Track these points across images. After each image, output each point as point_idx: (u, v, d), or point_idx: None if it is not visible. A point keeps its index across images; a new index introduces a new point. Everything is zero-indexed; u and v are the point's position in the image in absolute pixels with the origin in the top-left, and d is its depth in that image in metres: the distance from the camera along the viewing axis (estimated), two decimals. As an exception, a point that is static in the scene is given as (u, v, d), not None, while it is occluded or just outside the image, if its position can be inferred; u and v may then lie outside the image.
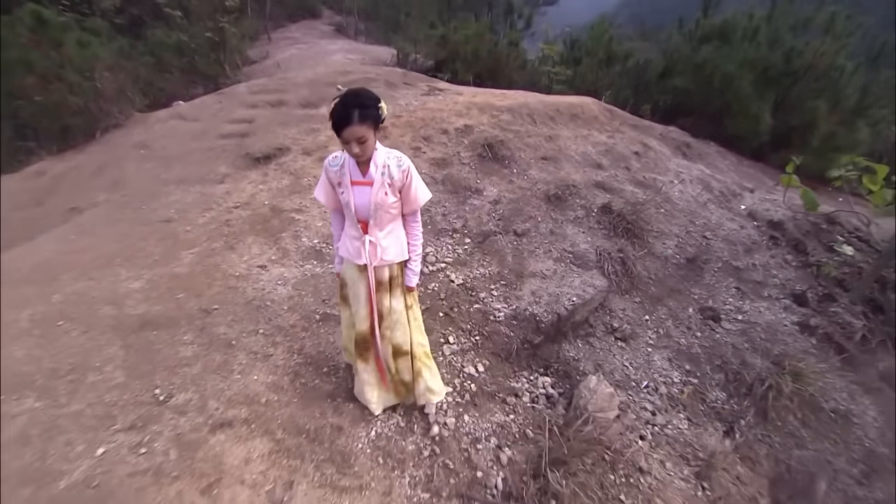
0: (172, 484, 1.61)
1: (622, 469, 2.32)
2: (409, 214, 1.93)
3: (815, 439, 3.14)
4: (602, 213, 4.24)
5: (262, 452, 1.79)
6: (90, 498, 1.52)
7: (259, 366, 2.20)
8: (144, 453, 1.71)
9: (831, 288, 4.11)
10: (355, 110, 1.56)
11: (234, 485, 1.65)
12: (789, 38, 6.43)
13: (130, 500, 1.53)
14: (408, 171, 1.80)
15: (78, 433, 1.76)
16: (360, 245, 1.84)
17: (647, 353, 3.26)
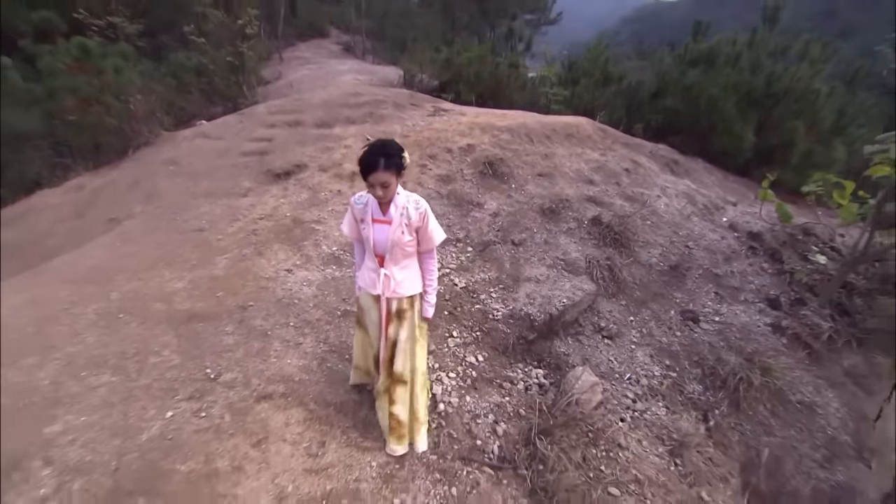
0: (230, 439, 1.98)
1: (603, 444, 2.68)
2: (426, 252, 2.08)
3: (782, 427, 3.49)
4: (592, 225, 4.64)
5: (298, 419, 2.17)
6: (167, 446, 1.90)
7: (291, 352, 2.59)
8: (204, 416, 2.09)
9: (802, 293, 4.48)
10: (381, 158, 1.77)
11: (278, 442, 2.03)
12: (769, 64, 6.89)
13: (198, 450, 1.91)
14: (425, 213, 1.96)
15: (149, 401, 2.15)
16: (375, 276, 2.01)
17: (631, 350, 3.63)
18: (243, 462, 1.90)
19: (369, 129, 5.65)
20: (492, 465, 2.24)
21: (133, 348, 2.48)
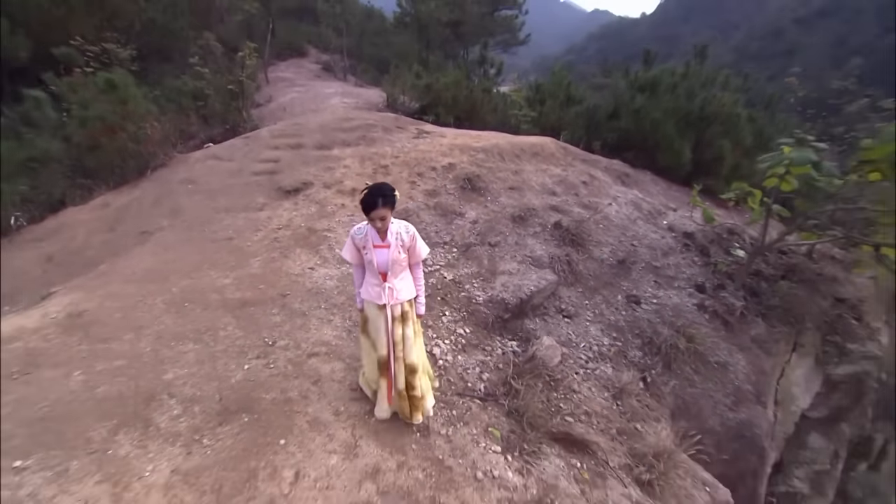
0: (295, 380, 2.80)
1: (561, 389, 3.59)
2: (415, 264, 2.60)
3: (702, 381, 4.49)
4: (554, 229, 5.62)
5: (340, 368, 3.00)
6: (251, 385, 2.71)
7: (325, 326, 3.41)
8: (272, 367, 2.90)
9: (723, 279, 5.56)
10: (379, 198, 2.25)
11: (329, 381, 2.85)
12: (701, 92, 8.13)
13: (274, 386, 2.72)
14: (413, 235, 2.49)
15: (228, 359, 2.94)
16: (380, 290, 2.46)
17: (586, 326, 4.58)
18: (307, 393, 2.72)
19: (363, 150, 6.53)
20: (479, 397, 3.12)
21: (203, 326, 3.27)
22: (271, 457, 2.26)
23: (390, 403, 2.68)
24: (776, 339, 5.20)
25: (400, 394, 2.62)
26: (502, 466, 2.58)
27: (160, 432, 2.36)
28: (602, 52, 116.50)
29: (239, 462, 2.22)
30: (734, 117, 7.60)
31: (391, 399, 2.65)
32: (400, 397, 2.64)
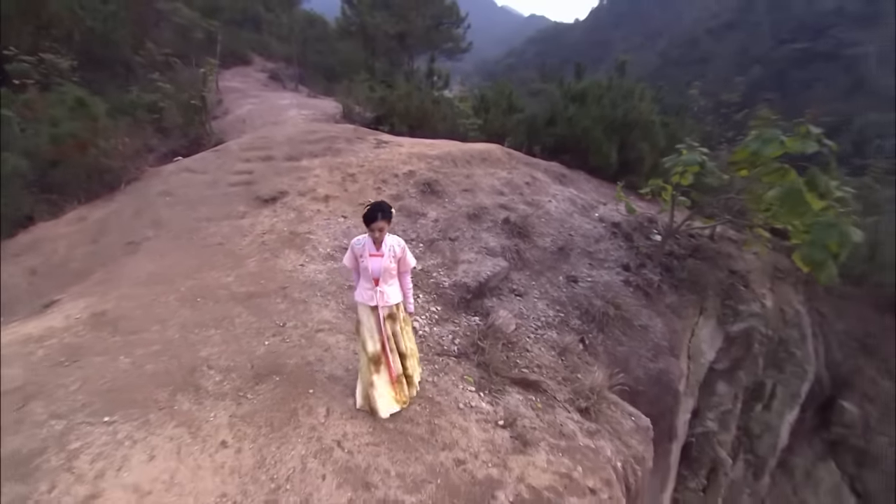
0: (310, 348, 3.50)
1: (517, 349, 4.49)
2: (404, 273, 3.10)
3: (629, 341, 5.56)
4: (504, 224, 6.57)
5: (343, 339, 3.72)
6: (275, 355, 3.38)
7: (324, 310, 4.11)
8: (289, 342, 3.58)
9: (644, 260, 6.73)
10: (379, 213, 2.79)
11: (336, 349, 3.57)
12: (623, 102, 9.44)
13: (295, 354, 3.41)
14: (403, 248, 3.03)
15: (250, 338, 3.59)
16: (372, 293, 2.94)
17: (534, 302, 5.53)
18: (322, 357, 3.44)
19: (330, 160, 7.18)
20: (454, 355, 3.96)
21: (220, 315, 3.87)
22: (305, 400, 2.98)
23: (394, 387, 3.08)
24: (686, 305, 6.43)
25: (398, 378, 3.11)
26: (477, 400, 3.44)
27: (210, 393, 3.00)
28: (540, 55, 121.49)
29: (281, 405, 2.91)
30: (650, 124, 8.95)
31: (394, 382, 3.08)
32: (399, 381, 3.12)
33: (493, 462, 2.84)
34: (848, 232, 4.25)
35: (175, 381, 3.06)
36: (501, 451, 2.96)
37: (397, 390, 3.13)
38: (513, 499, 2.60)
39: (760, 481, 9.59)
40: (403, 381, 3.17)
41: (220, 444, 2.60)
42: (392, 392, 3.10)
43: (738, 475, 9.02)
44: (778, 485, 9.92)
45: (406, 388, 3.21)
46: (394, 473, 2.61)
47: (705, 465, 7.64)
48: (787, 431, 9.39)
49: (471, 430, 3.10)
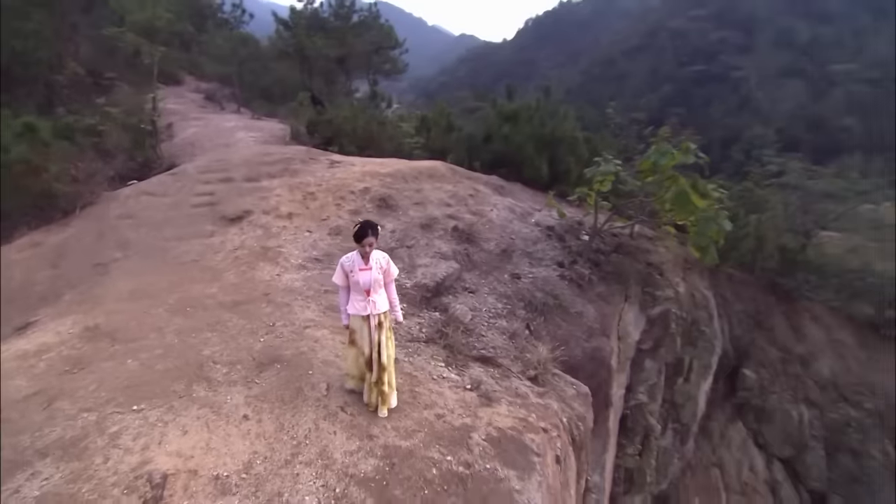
0: (301, 341, 4.05)
1: (474, 335, 5.25)
2: (389, 283, 3.46)
3: (567, 325, 6.49)
4: (453, 231, 7.38)
5: (328, 332, 4.30)
6: (273, 348, 3.90)
7: (306, 311, 4.65)
8: (282, 336, 4.10)
9: (575, 257, 7.78)
10: (369, 230, 3.18)
11: (324, 339, 4.14)
12: (550, 121, 10.69)
13: (290, 346, 3.94)
14: (388, 260, 3.40)
15: (246, 337, 4.07)
16: (365, 303, 3.26)
17: (485, 297, 6.34)
18: (314, 347, 4.00)
19: (289, 180, 7.67)
20: (423, 341, 4.66)
21: (212, 321, 4.32)
22: (307, 379, 3.55)
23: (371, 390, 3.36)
24: (612, 293, 7.54)
25: (370, 385, 3.36)
26: (447, 372, 4.16)
27: (221, 382, 3.49)
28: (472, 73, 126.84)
29: (287, 385, 3.47)
30: (575, 139, 10.24)
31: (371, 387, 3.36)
32: (370, 389, 3.37)
33: (466, 414, 3.57)
34: (723, 223, 5.47)
35: (187, 375, 3.51)
36: (471, 406, 3.70)
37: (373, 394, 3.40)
38: (485, 437, 3.33)
39: (686, 445, 11.02)
40: (376, 393, 3.37)
41: (243, 418, 3.12)
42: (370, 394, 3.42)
43: (668, 443, 10.34)
44: (700, 447, 11.42)
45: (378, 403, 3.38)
46: (389, 427, 3.26)
47: (639, 432, 8.79)
48: (704, 400, 10.89)
49: (445, 393, 3.81)
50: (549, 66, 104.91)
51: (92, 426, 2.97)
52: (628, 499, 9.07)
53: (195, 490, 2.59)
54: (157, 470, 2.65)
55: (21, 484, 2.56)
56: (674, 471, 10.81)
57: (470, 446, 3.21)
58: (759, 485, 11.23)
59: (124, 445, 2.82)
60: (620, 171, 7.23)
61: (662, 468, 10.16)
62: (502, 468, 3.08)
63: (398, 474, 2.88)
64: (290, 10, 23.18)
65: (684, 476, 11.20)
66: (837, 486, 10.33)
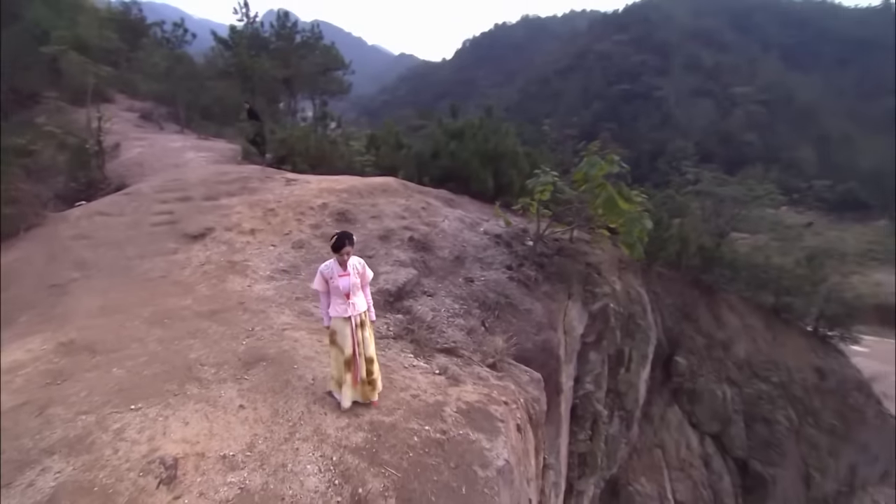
0: (281, 341, 4.38)
1: (437, 332, 5.76)
2: (365, 286, 3.75)
3: (518, 321, 7.15)
4: (409, 241, 7.90)
5: (305, 333, 4.65)
6: (255, 349, 4.20)
7: (282, 315, 4.97)
8: (262, 340, 4.40)
9: (522, 260, 8.53)
10: (346, 240, 3.50)
11: (303, 339, 4.50)
12: (493, 138, 11.56)
13: (272, 345, 4.27)
14: (364, 265, 3.71)
15: (229, 341, 4.34)
16: (345, 306, 3.53)
17: (443, 299, 6.89)
18: (294, 345, 4.35)
19: (248, 198, 7.88)
20: (392, 337, 5.12)
21: (193, 329, 4.55)
22: (293, 372, 3.91)
23: (355, 387, 3.60)
24: (557, 292, 8.34)
25: (363, 380, 3.62)
26: (417, 362, 4.65)
27: (211, 381, 3.77)
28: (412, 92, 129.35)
29: (275, 378, 3.81)
30: (516, 154, 11.14)
31: (356, 384, 3.60)
32: (363, 383, 3.63)
33: (437, 393, 4.07)
34: (645, 223, 6.39)
35: (177, 377, 3.76)
36: (441, 387, 4.20)
37: (359, 391, 3.69)
38: (455, 409, 3.84)
39: (631, 431, 12.04)
40: (367, 385, 3.67)
41: (239, 408, 3.44)
42: (353, 391, 3.66)
43: (615, 430, 11.29)
44: (643, 431, 12.50)
45: (368, 393, 3.71)
46: (373, 407, 3.70)
47: (588, 419, 9.62)
48: (645, 387, 11.99)
49: (417, 378, 4.30)
50: (488, 85, 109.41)
51: (93, 425, 3.18)
52: (583, 481, 9.85)
53: (206, 469, 2.91)
54: (168, 455, 2.94)
55: (33, 479, 2.76)
56: (622, 455, 11.79)
57: (444, 417, 3.72)
58: (694, 460, 12.46)
59: (130, 438, 3.07)
60: (558, 182, 8.11)
61: (612, 454, 11.08)
62: (473, 433, 3.61)
63: (385, 443, 3.33)
64: (230, 28, 23.06)
65: (631, 459, 12.21)
66: (755, 452, 11.71)
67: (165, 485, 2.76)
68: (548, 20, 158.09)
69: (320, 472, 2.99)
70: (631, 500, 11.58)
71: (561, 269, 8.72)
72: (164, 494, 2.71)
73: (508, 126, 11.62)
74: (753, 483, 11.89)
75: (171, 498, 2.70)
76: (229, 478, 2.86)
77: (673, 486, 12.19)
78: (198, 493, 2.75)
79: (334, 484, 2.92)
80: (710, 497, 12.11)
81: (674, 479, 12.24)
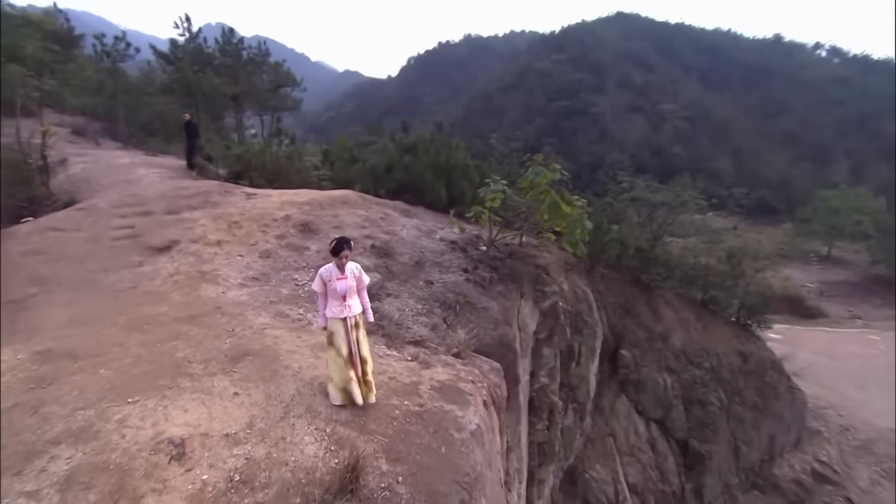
0: (263, 338, 4.68)
1: (403, 328, 6.23)
2: (361, 289, 3.96)
3: (476, 318, 7.73)
4: (372, 248, 8.34)
5: (285, 331, 4.97)
6: (240, 346, 4.48)
7: (260, 317, 5.25)
8: (244, 338, 4.68)
9: (476, 263, 9.17)
10: (345, 244, 3.74)
11: (284, 336, 4.83)
12: (444, 151, 12.25)
13: (256, 342, 4.56)
14: (360, 270, 3.94)
15: (212, 341, 4.59)
16: (342, 307, 3.71)
17: (406, 300, 7.36)
18: (276, 341, 4.66)
19: (211, 211, 8.02)
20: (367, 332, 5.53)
21: (174, 333, 4.75)
22: (279, 363, 4.24)
23: (358, 381, 3.75)
24: (510, 291, 9.02)
25: (359, 380, 3.79)
26: (390, 351, 5.10)
27: (202, 375, 4.04)
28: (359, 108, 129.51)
29: (263, 368, 4.13)
30: (467, 166, 11.89)
31: (359, 377, 3.76)
32: (358, 383, 3.78)
33: (412, 375, 4.54)
34: (585, 224, 7.22)
35: (168, 373, 4.00)
36: (415, 370, 4.68)
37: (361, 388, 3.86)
38: (429, 387, 4.33)
39: (585, 422, 12.90)
40: (363, 384, 3.86)
41: (234, 395, 3.75)
42: (359, 388, 3.82)
43: (570, 421, 12.08)
44: (595, 422, 13.41)
45: (365, 394, 3.88)
46: (355, 389, 4.11)
47: (545, 410, 10.32)
48: (595, 380, 12.93)
49: (392, 364, 4.75)
50: (434, 102, 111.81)
51: (94, 418, 3.39)
52: (543, 469, 10.50)
53: (211, 445, 3.22)
54: (174, 436, 3.22)
55: (44, 465, 2.96)
56: (577, 445, 12.60)
57: (420, 394, 4.20)
58: (642, 444, 13.51)
59: (134, 425, 3.32)
60: (507, 190, 8.87)
61: (568, 444, 11.85)
62: (447, 404, 4.12)
63: (371, 416, 3.76)
64: (170, 43, 22.61)
65: (586, 448, 13.07)
66: (694, 432, 12.92)
67: (176, 460, 3.06)
68: (489, 39, 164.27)
69: (316, 441, 3.39)
70: (587, 486, 12.39)
71: (513, 271, 9.44)
72: (176, 468, 3.00)
73: (458, 140, 12.38)
74: (693, 460, 13.07)
75: (183, 470, 3.00)
76: (235, 451, 3.19)
77: (625, 471, 13.14)
78: (208, 465, 3.06)
79: (330, 450, 3.33)
80: (657, 477, 13.17)
81: (625, 463, 13.21)
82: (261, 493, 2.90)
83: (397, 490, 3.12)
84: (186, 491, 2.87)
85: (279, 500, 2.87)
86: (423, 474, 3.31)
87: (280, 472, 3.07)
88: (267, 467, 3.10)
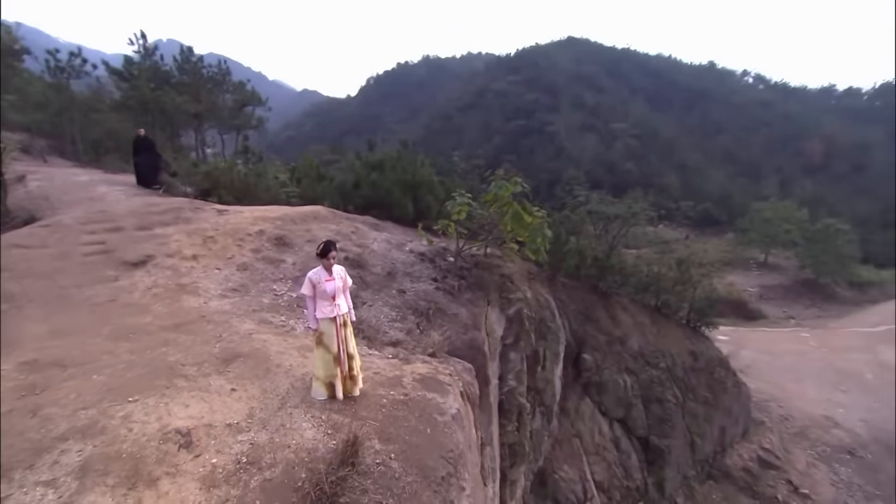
0: (251, 342, 4.93)
1: (381, 332, 6.58)
2: (346, 290, 4.25)
3: (447, 323, 8.17)
4: (345, 260, 8.65)
5: (271, 335, 5.23)
6: (230, 349, 4.71)
7: (245, 323, 5.47)
8: (233, 343, 4.90)
9: (445, 273, 9.64)
10: (332, 246, 4.09)
11: (271, 340, 5.08)
12: (411, 168, 12.78)
13: (245, 346, 4.80)
14: (345, 272, 4.25)
15: (202, 347, 4.78)
16: (332, 307, 3.97)
17: (380, 308, 7.72)
18: (265, 344, 4.92)
19: (184, 227, 8.12)
20: (347, 336, 5.86)
21: (161, 341, 4.91)
22: (271, 362, 4.51)
23: (343, 381, 4.07)
24: (478, 298, 9.53)
25: (345, 375, 4.09)
26: (372, 351, 5.46)
27: (197, 376, 4.26)
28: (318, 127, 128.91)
29: (256, 367, 4.40)
30: (432, 182, 12.44)
31: (344, 375, 4.05)
32: (345, 378, 4.10)
33: (394, 370, 4.91)
34: (545, 232, 7.87)
35: (164, 375, 4.20)
36: (397, 365, 5.05)
37: (345, 384, 4.18)
38: (412, 379, 4.72)
39: (552, 424, 13.47)
40: (349, 379, 4.16)
41: (231, 391, 4.01)
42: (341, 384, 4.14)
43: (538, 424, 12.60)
44: (562, 424, 14.00)
45: (350, 387, 4.20)
46: (344, 383, 4.45)
47: (514, 412, 10.80)
48: (560, 383, 13.56)
49: (375, 361, 5.10)
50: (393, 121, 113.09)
51: (97, 416, 3.57)
52: (515, 470, 10.93)
53: (216, 434, 3.48)
54: (181, 427, 3.46)
55: (56, 458, 3.14)
56: (546, 447, 13.13)
57: (404, 385, 4.58)
58: (606, 444, 14.20)
59: (139, 420, 3.53)
60: (472, 204, 9.45)
61: (537, 446, 12.36)
62: (429, 393, 4.52)
63: (361, 405, 4.12)
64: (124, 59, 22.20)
65: (554, 450, 13.61)
66: (653, 429, 13.75)
67: (185, 448, 3.30)
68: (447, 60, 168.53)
69: (314, 427, 3.71)
70: (557, 486, 12.89)
71: (479, 280, 9.97)
72: (186, 454, 3.25)
73: (424, 158, 12.97)
74: (654, 456, 13.86)
75: (192, 456, 3.25)
76: (239, 437, 3.47)
77: (591, 469, 13.76)
78: (215, 451, 3.32)
79: (328, 433, 3.66)
80: (622, 474, 13.86)
81: (591, 462, 13.83)
82: (268, 472, 3.20)
83: (391, 465, 3.49)
84: (198, 473, 3.12)
85: (286, 475, 3.18)
86: (413, 451, 3.69)
87: (284, 453, 3.38)
88: (271, 450, 3.39)
